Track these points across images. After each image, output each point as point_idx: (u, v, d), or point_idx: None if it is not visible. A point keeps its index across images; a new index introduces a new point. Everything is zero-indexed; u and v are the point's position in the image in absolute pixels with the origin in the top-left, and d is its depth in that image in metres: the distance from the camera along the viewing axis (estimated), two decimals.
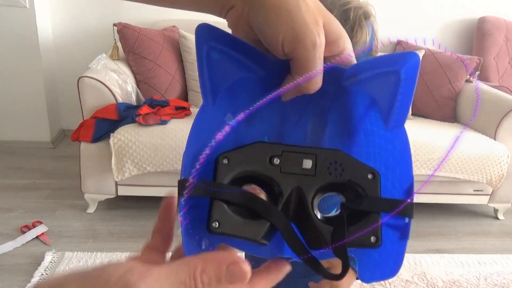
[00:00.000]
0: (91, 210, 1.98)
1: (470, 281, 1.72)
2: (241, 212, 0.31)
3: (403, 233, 0.32)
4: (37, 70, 2.49)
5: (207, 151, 0.30)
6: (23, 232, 1.77)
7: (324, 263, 0.31)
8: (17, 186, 2.17)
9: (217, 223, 0.30)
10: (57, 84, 2.72)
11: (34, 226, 1.82)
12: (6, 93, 2.53)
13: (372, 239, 0.30)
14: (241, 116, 0.30)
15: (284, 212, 0.31)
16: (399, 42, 2.54)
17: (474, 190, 2.13)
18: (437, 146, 1.95)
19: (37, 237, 1.76)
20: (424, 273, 1.75)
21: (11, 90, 2.52)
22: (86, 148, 1.84)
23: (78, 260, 1.65)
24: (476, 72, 2.38)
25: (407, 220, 0.32)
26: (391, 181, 0.32)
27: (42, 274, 1.55)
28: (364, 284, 1.62)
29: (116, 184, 1.91)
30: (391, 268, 0.33)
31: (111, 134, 1.76)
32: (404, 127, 0.33)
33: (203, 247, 0.32)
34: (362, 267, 0.33)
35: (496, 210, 2.27)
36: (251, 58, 0.32)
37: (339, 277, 0.29)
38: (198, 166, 0.30)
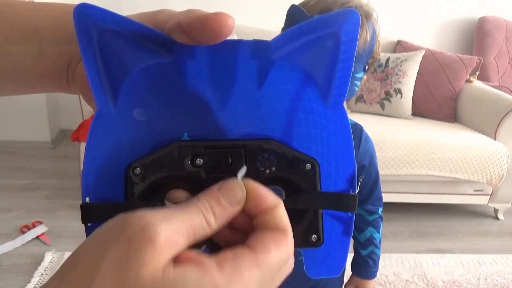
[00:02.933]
0: None
1: (470, 281, 1.72)
2: None
3: (347, 227, 0.30)
4: None
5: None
6: (23, 232, 1.77)
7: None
8: (17, 186, 2.17)
9: None
10: None
11: (34, 226, 1.82)
12: None
13: (313, 238, 0.28)
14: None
15: None
16: (399, 42, 2.54)
17: (474, 190, 2.13)
18: (437, 146, 1.95)
19: (37, 237, 1.76)
20: (424, 273, 1.75)
21: None
22: None
23: None
24: (476, 72, 2.38)
25: (350, 213, 0.29)
26: (334, 166, 0.29)
27: (42, 274, 1.55)
28: None
29: None
30: (337, 264, 0.30)
31: None
32: (343, 105, 0.29)
33: None
34: (307, 262, 0.31)
35: (496, 210, 2.27)
36: (153, 41, 0.26)
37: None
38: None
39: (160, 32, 0.26)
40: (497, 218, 2.27)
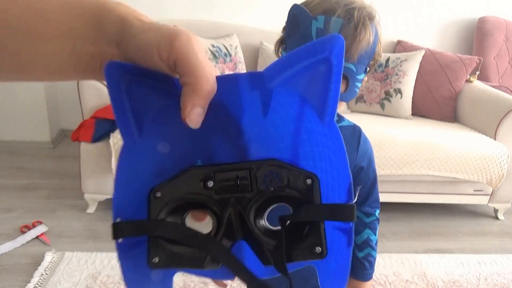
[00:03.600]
0: (91, 210, 1.98)
1: (470, 281, 1.72)
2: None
3: (349, 238, 0.31)
4: None
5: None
6: (23, 232, 1.77)
7: None
8: (17, 186, 2.17)
9: (156, 258, 0.29)
10: (57, 84, 2.72)
11: (34, 226, 1.81)
12: (6, 93, 2.52)
13: (317, 249, 0.29)
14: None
15: (230, 234, 0.30)
16: (399, 42, 2.54)
17: (474, 190, 2.13)
18: (437, 146, 1.95)
19: (37, 237, 1.76)
20: (424, 273, 1.75)
21: (11, 90, 2.52)
22: (86, 148, 1.84)
23: (78, 260, 1.65)
24: (476, 72, 2.38)
25: (351, 224, 0.31)
26: (336, 180, 0.31)
27: (42, 274, 1.55)
28: None
29: None
30: (346, 275, 0.32)
31: (111, 134, 1.76)
32: (334, 121, 0.31)
33: (153, 279, 0.31)
34: (321, 276, 0.32)
35: (496, 210, 2.27)
36: (168, 83, 0.30)
37: None
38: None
39: (173, 78, 0.30)
40: (497, 218, 2.27)
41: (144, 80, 0.30)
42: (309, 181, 0.30)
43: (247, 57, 2.37)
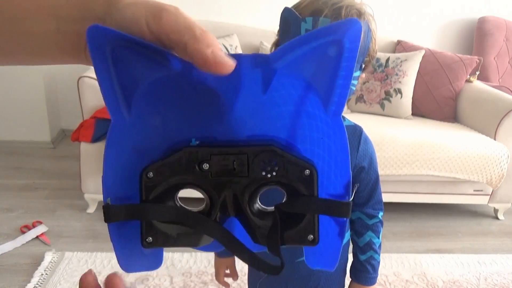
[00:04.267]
0: (91, 210, 1.98)
1: (470, 281, 1.72)
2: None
3: (341, 230, 0.32)
4: (37, 70, 2.48)
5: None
6: (23, 232, 1.77)
7: None
8: (17, 186, 2.17)
9: (150, 238, 0.29)
10: (57, 84, 2.72)
11: (34, 226, 1.82)
12: (6, 93, 2.53)
13: (309, 237, 0.30)
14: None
15: (222, 212, 0.30)
16: (399, 42, 2.54)
17: (474, 190, 2.13)
18: (437, 146, 1.95)
19: (37, 237, 1.76)
20: (424, 273, 1.75)
21: (11, 90, 2.52)
22: (86, 148, 1.84)
23: (78, 260, 1.65)
24: (476, 72, 2.38)
25: (345, 218, 0.31)
26: (333, 171, 0.31)
27: (42, 274, 1.55)
28: None
29: None
30: (332, 260, 0.33)
31: None
32: (341, 118, 0.30)
33: (145, 252, 0.31)
34: (308, 253, 0.33)
35: (496, 210, 2.27)
36: (161, 53, 0.27)
37: (278, 270, 0.29)
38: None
39: (165, 51, 0.27)
40: (497, 218, 2.27)
41: (133, 48, 0.27)
42: (307, 172, 0.29)
43: None
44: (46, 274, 1.55)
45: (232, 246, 0.29)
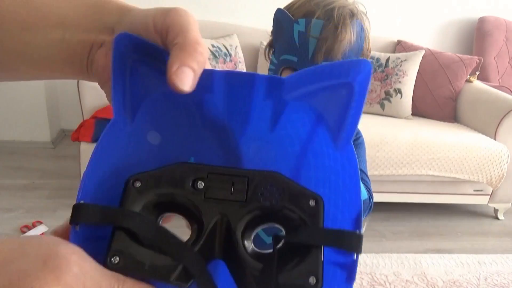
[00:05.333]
0: None
1: (470, 281, 1.72)
2: (153, 245, 0.25)
3: (350, 274, 0.27)
4: None
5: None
6: (23, 232, 1.77)
7: None
8: (17, 186, 2.17)
9: (117, 258, 0.24)
10: (57, 84, 2.72)
11: (34, 226, 1.82)
12: (6, 93, 2.52)
13: (311, 280, 0.25)
14: None
15: (208, 248, 0.26)
16: (399, 42, 2.54)
17: (474, 190, 2.13)
18: (437, 146, 1.95)
19: None
20: (424, 273, 1.75)
21: (11, 90, 2.52)
22: (86, 148, 1.84)
23: None
24: (476, 72, 2.38)
25: (355, 256, 0.27)
26: (340, 209, 0.28)
27: None
28: (364, 283, 1.62)
29: None
30: None
31: None
32: (351, 143, 0.29)
33: None
34: None
35: (496, 210, 2.27)
36: None
37: None
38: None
39: None
40: (497, 218, 2.27)
41: (155, 64, 0.27)
42: (312, 202, 0.27)
43: (247, 57, 2.37)
44: None
45: None
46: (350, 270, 0.27)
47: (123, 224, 0.25)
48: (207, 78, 0.27)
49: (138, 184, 0.26)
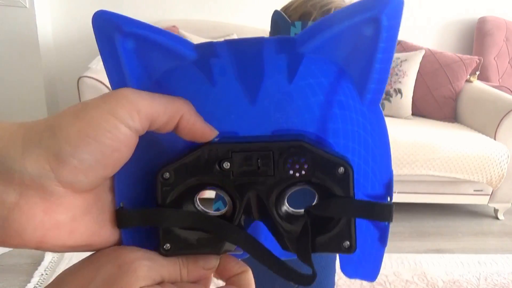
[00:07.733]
0: None
1: (470, 281, 1.72)
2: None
3: (383, 235, 0.28)
4: (37, 70, 2.49)
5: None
6: None
7: None
8: None
9: (168, 245, 0.26)
10: (57, 84, 2.72)
11: None
12: (6, 93, 2.52)
13: (346, 244, 0.26)
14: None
15: (247, 215, 0.27)
16: (399, 42, 2.54)
17: (474, 190, 2.13)
18: (437, 146, 1.95)
19: None
20: (424, 273, 1.75)
21: (11, 89, 2.52)
22: None
23: (78, 260, 1.64)
24: (476, 72, 2.38)
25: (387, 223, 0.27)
26: (371, 168, 0.27)
27: (42, 274, 1.55)
28: (364, 283, 1.62)
29: None
30: (372, 269, 0.29)
31: None
32: (379, 106, 0.26)
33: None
34: (343, 261, 0.30)
35: (496, 210, 2.27)
36: (176, 41, 0.25)
37: (310, 281, 0.26)
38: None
39: (177, 35, 0.25)
40: (497, 218, 2.27)
41: (148, 36, 0.24)
42: (341, 169, 0.25)
43: None
44: (46, 274, 1.55)
45: (258, 253, 0.26)
46: (383, 232, 0.27)
47: (163, 225, 0.26)
48: (210, 46, 0.26)
49: (167, 175, 0.26)
